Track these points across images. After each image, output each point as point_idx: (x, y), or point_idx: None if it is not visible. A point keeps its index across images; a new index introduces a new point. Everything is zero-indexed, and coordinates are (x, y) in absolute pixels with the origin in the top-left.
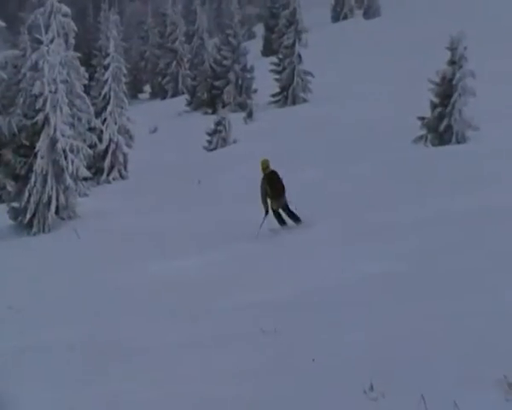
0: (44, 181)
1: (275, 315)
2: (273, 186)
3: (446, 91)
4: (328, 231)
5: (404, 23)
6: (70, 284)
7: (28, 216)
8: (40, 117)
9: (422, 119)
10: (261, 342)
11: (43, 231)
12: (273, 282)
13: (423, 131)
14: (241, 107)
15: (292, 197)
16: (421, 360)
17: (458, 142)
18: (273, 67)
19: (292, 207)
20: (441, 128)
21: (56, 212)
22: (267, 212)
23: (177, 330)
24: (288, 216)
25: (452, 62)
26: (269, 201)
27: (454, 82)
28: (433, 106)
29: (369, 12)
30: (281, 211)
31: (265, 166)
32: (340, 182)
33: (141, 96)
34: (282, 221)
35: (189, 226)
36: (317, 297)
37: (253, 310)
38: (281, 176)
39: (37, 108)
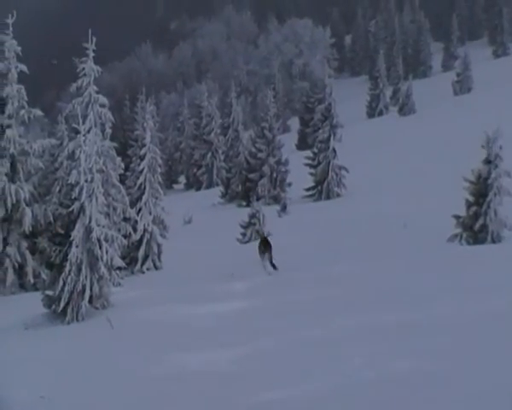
0: (79, 270)
1: None
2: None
3: (481, 190)
4: (354, 325)
5: (440, 120)
6: (100, 374)
7: (62, 305)
8: (76, 206)
9: (458, 217)
10: None
11: (77, 320)
12: (302, 375)
13: (458, 230)
14: (276, 200)
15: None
16: None
17: (493, 241)
18: (308, 161)
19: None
20: (476, 227)
21: (90, 301)
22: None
23: None
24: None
25: (488, 161)
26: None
27: (489, 181)
28: (469, 204)
29: (405, 109)
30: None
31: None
32: (367, 278)
33: (176, 186)
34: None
35: (221, 318)
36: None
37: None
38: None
39: (72, 196)
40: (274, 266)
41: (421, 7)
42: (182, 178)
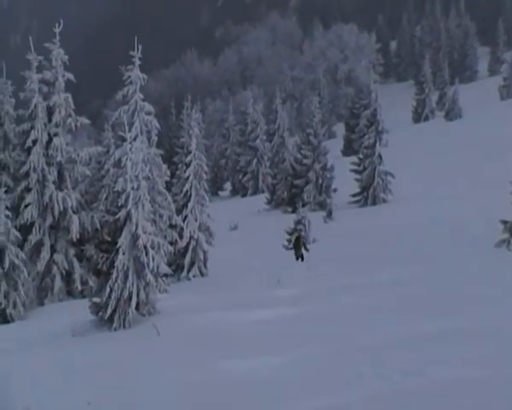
0: (125, 277)
1: None
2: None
3: None
4: (403, 332)
5: (486, 125)
6: (146, 381)
7: (109, 311)
8: (122, 213)
9: (505, 222)
10: None
11: (124, 327)
12: (347, 382)
13: (506, 235)
14: (321, 206)
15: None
16: None
17: None
18: (353, 167)
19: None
20: None
21: (137, 308)
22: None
23: None
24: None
25: None
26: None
27: None
28: None
29: (451, 113)
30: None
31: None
32: (414, 284)
33: (221, 193)
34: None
35: (267, 326)
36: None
37: None
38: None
39: (119, 204)
40: (302, 258)
41: (467, 11)
42: (227, 185)
